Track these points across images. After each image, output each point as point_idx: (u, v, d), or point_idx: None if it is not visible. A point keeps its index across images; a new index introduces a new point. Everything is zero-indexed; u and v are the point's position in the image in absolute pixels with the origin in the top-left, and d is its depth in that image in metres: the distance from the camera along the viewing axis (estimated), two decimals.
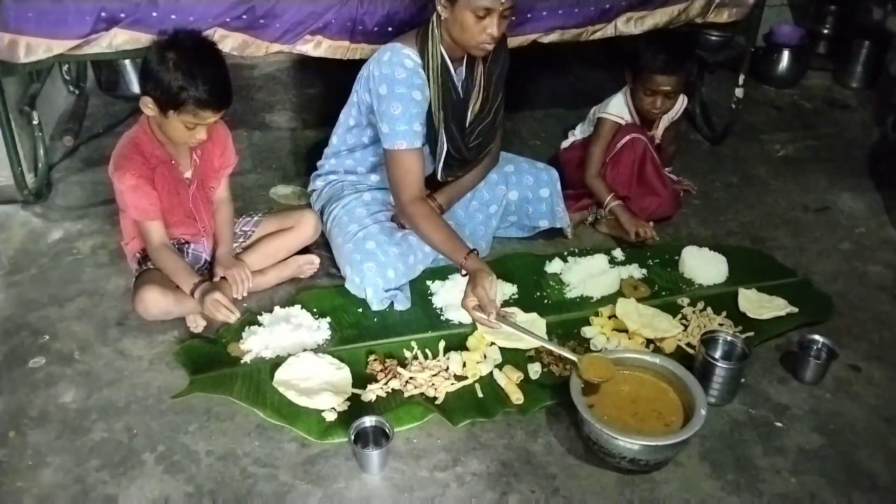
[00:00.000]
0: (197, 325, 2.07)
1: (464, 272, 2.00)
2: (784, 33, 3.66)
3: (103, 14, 2.27)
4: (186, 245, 2.17)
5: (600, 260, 2.36)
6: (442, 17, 2.02)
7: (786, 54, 3.59)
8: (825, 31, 3.82)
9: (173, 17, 2.30)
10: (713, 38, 3.83)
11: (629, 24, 2.64)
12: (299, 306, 2.14)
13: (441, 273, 2.28)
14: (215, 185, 2.20)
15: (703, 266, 2.33)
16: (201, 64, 1.89)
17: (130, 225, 2.12)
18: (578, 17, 2.56)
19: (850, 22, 3.77)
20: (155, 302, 2.01)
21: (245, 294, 2.09)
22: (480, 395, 1.88)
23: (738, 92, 2.93)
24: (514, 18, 2.01)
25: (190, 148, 2.07)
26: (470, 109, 2.21)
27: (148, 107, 1.94)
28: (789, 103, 3.54)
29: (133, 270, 2.16)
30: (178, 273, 2.03)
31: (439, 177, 2.27)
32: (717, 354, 1.93)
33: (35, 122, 2.61)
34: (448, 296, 2.20)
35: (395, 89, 2.04)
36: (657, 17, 2.65)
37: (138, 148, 2.02)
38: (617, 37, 2.67)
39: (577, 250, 2.45)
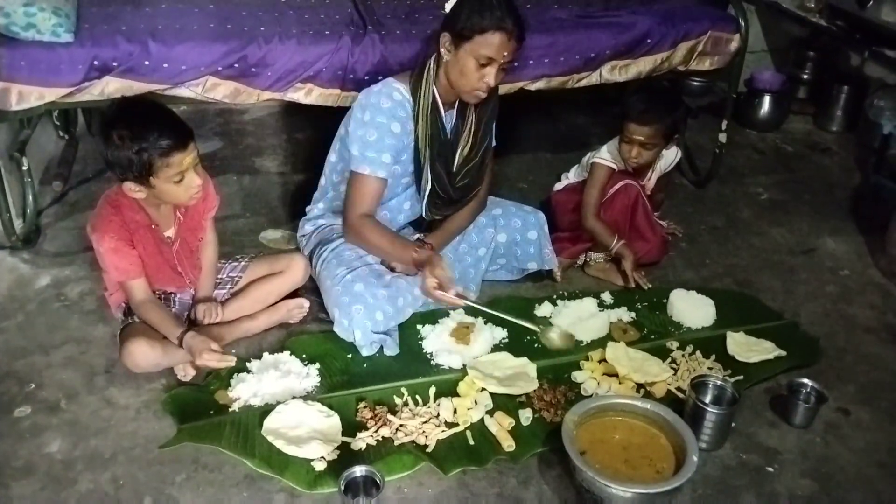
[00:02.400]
0: (186, 373, 2.06)
1: (414, 264, 2.10)
2: (765, 79, 3.74)
3: (96, 62, 2.30)
4: (173, 294, 2.17)
5: (589, 303, 2.37)
6: (443, 59, 2.07)
7: (767, 99, 3.66)
8: (805, 77, 3.91)
9: (165, 65, 2.33)
10: (695, 83, 3.94)
11: (614, 72, 2.70)
12: (288, 352, 2.13)
13: (431, 317, 2.28)
14: (203, 234, 2.19)
15: (691, 309, 2.35)
16: (142, 120, 1.87)
17: (113, 280, 2.11)
18: (564, 66, 2.62)
19: (830, 68, 3.87)
20: (143, 355, 1.98)
21: (215, 319, 2.12)
22: (472, 442, 1.87)
23: (722, 137, 2.99)
24: (509, 71, 2.06)
25: (174, 208, 2.06)
26: (459, 152, 2.25)
27: (133, 190, 1.93)
28: (771, 147, 3.61)
29: (118, 321, 2.14)
30: (164, 325, 2.01)
31: (425, 215, 2.30)
32: (708, 399, 1.93)
33: (25, 168, 2.61)
34: (438, 340, 2.20)
35: (376, 118, 2.11)
36: (641, 66, 2.72)
37: (118, 211, 2.00)
38: (602, 84, 2.73)
39: (566, 293, 2.46)
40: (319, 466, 1.77)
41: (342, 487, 1.65)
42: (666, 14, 2.74)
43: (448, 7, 2.07)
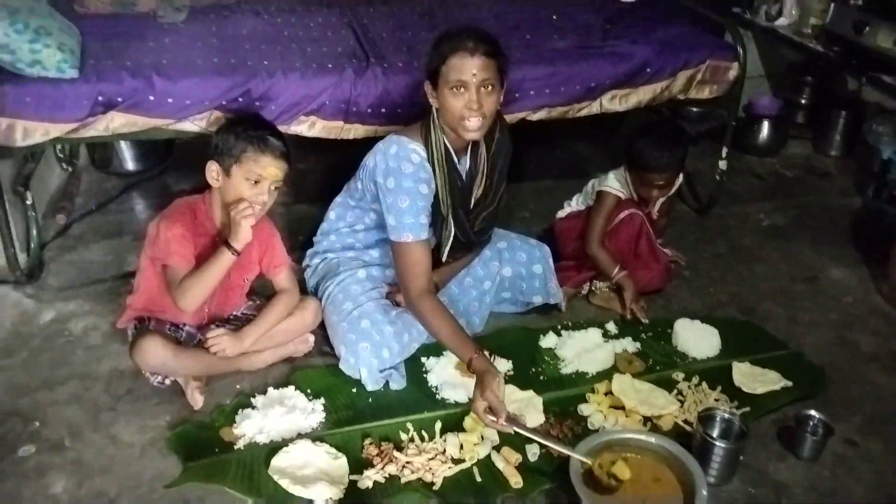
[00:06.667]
0: (195, 400, 2.05)
1: (470, 370, 1.98)
2: (763, 105, 3.76)
3: (101, 98, 2.31)
4: (182, 324, 2.17)
5: (594, 334, 2.37)
6: (435, 108, 2.07)
7: (765, 125, 3.69)
8: (803, 101, 3.94)
9: (170, 100, 2.34)
10: (695, 109, 3.96)
11: (614, 102, 2.72)
12: (293, 387, 2.12)
13: (435, 349, 2.27)
14: (248, 277, 2.23)
15: (696, 339, 2.35)
16: (262, 122, 2.15)
17: (147, 281, 2.12)
18: (565, 96, 2.63)
19: (827, 92, 3.90)
20: (155, 351, 2.00)
21: (223, 352, 2.12)
22: (479, 479, 1.86)
23: (722, 164, 3.00)
24: (495, 93, 2.03)
25: None
26: (473, 195, 2.24)
27: (212, 173, 2.04)
28: (771, 172, 3.63)
29: (128, 334, 2.16)
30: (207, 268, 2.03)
31: (443, 259, 2.28)
32: (715, 433, 1.92)
33: (29, 202, 2.61)
34: (443, 373, 2.19)
35: (403, 183, 2.06)
36: (641, 95, 2.74)
37: (193, 212, 2.10)
38: (602, 113, 2.75)
39: (570, 323, 2.46)
40: None
41: None
42: (664, 43, 2.76)
43: None
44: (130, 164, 3.31)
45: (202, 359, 2.10)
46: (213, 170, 2.04)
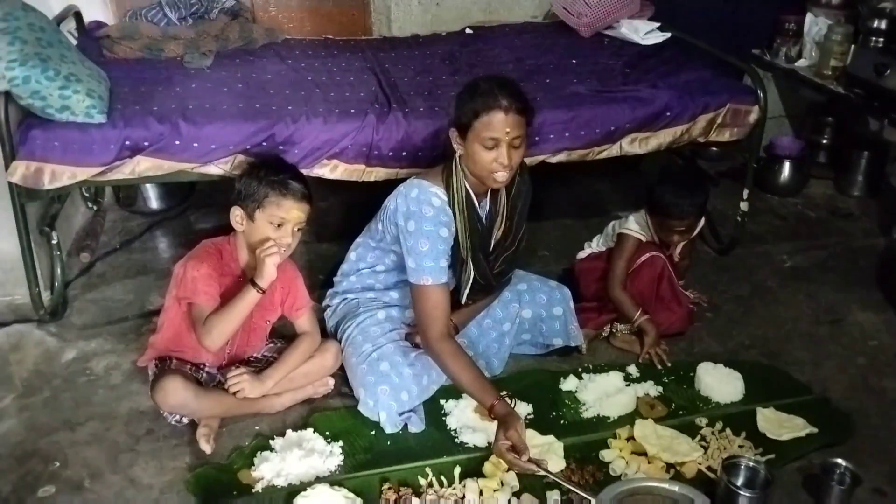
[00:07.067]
0: (204, 447, 2.04)
1: (492, 416, 1.98)
2: (784, 145, 3.75)
3: (128, 143, 2.36)
4: (202, 365, 2.18)
5: (615, 377, 2.35)
6: (458, 154, 2.09)
7: (787, 165, 3.67)
8: (824, 142, 3.93)
9: (195, 144, 2.39)
10: (714, 149, 3.95)
11: (634, 145, 2.73)
12: (312, 430, 2.11)
13: (454, 392, 2.25)
14: (270, 319, 2.25)
15: (719, 384, 2.31)
16: (283, 165, 2.19)
17: (171, 320, 2.14)
18: (584, 139, 2.65)
19: (849, 133, 3.88)
20: (175, 391, 2.01)
21: (243, 393, 2.11)
22: None
23: (743, 206, 2.99)
24: (523, 147, 2.06)
25: None
26: (493, 237, 2.25)
27: (236, 217, 2.08)
28: (793, 212, 3.60)
29: (149, 373, 2.18)
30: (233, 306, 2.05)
31: (462, 301, 2.28)
32: (740, 482, 1.89)
33: (54, 242, 2.65)
34: (462, 416, 2.18)
35: (423, 227, 2.08)
36: (661, 138, 2.74)
37: (219, 252, 2.14)
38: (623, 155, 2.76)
39: (591, 366, 2.44)
40: None
41: None
42: (684, 87, 2.78)
43: None
44: (154, 203, 3.36)
45: (222, 400, 2.11)
46: (237, 215, 2.08)
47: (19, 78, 2.28)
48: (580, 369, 2.42)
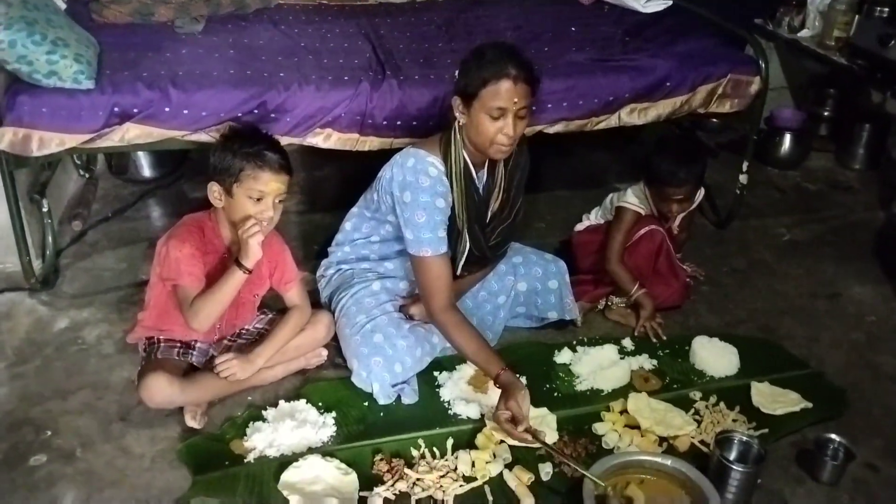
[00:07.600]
0: (196, 419, 2.04)
1: (497, 385, 1.98)
2: (785, 117, 3.71)
3: (116, 109, 2.32)
4: (193, 341, 2.16)
5: (610, 350, 2.34)
6: (460, 123, 2.05)
7: (787, 137, 3.63)
8: (826, 114, 3.88)
9: (185, 111, 2.34)
10: (714, 120, 3.90)
11: (633, 115, 2.69)
12: (304, 400, 2.10)
13: (448, 364, 2.26)
14: (259, 293, 2.21)
15: (715, 358, 2.30)
16: (258, 136, 2.04)
17: (157, 298, 2.11)
18: (583, 109, 2.61)
19: (850, 105, 3.84)
20: (160, 389, 1.98)
21: (233, 376, 2.08)
22: (490, 498, 1.82)
23: (742, 178, 2.96)
24: (528, 117, 2.02)
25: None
26: (490, 209, 2.22)
27: (214, 193, 2.01)
28: (792, 185, 3.57)
29: (140, 354, 2.15)
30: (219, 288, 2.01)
31: (458, 273, 2.25)
32: (733, 456, 1.88)
33: (45, 210, 2.62)
34: (456, 388, 2.17)
35: (420, 197, 2.04)
36: (660, 108, 2.71)
37: (201, 229, 2.07)
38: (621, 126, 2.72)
39: (585, 339, 2.43)
40: None
41: None
42: (684, 57, 2.73)
43: None
44: (147, 171, 3.32)
45: (211, 386, 2.07)
46: (214, 190, 2.01)
47: (5, 42, 2.23)
48: (574, 342, 2.41)
